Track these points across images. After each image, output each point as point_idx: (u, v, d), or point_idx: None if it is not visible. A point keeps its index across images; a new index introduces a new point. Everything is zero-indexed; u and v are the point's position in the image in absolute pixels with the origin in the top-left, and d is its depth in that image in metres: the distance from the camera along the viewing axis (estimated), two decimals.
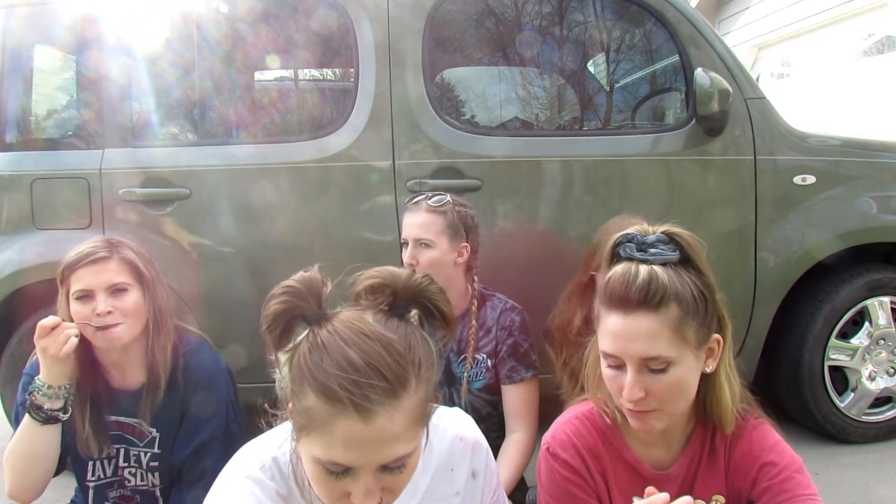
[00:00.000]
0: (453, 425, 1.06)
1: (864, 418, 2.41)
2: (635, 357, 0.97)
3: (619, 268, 1.01)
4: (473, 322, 1.76)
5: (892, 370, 2.39)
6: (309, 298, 0.80)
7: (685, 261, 1.02)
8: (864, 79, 5.98)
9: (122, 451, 1.51)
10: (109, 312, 1.41)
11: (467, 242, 1.78)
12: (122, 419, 1.50)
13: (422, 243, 1.72)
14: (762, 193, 2.24)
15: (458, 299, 1.79)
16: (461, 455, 1.02)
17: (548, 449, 1.14)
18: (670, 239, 1.02)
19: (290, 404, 0.81)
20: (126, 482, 1.53)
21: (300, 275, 0.82)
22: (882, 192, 2.31)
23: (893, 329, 2.36)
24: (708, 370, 1.03)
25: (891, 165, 2.34)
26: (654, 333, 0.96)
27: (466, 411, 1.77)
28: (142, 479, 1.53)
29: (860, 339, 2.36)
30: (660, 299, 0.96)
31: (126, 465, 1.52)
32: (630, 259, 1.02)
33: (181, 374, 1.49)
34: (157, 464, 1.51)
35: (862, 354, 2.36)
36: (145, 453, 1.51)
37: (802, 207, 2.26)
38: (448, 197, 1.78)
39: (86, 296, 1.41)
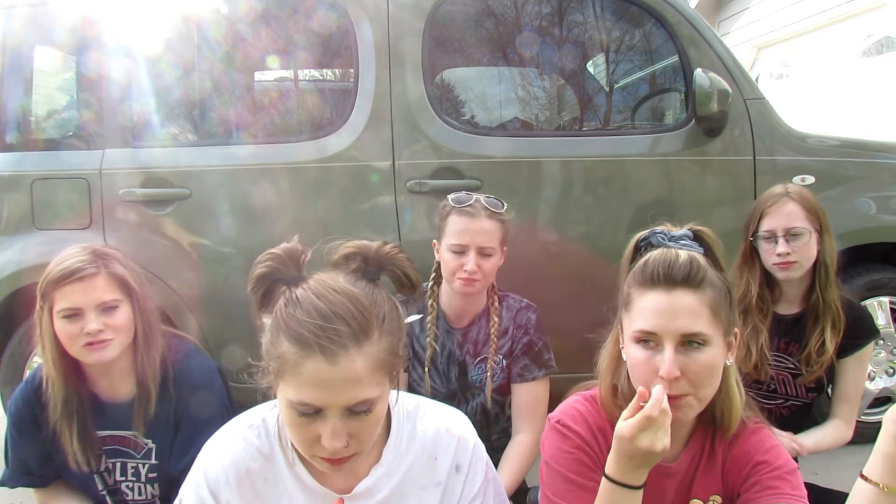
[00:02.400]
0: (442, 417, 1.08)
1: (864, 418, 2.40)
2: (676, 333, 0.99)
3: (657, 251, 1.05)
4: (495, 319, 1.73)
5: (892, 370, 2.39)
6: (289, 264, 0.91)
7: (708, 257, 1.07)
8: (864, 79, 5.98)
9: (118, 464, 1.49)
10: (100, 331, 1.36)
11: (505, 245, 1.75)
12: (116, 433, 1.47)
13: (486, 252, 1.65)
14: (761, 193, 2.24)
15: (479, 301, 1.77)
16: (445, 445, 1.05)
17: (558, 422, 1.14)
18: (696, 236, 1.09)
19: (268, 355, 0.89)
20: (125, 496, 1.52)
21: (283, 245, 0.92)
22: (881, 193, 2.32)
23: (893, 329, 2.36)
24: (728, 363, 1.06)
25: (890, 166, 2.34)
26: (696, 310, 1.00)
27: (477, 414, 1.78)
28: (140, 493, 1.51)
29: None
30: (701, 279, 1.01)
31: (123, 478, 1.50)
32: (663, 246, 1.06)
33: (172, 383, 1.46)
34: (155, 475, 1.49)
35: None
36: (143, 465, 1.49)
37: None
38: (503, 202, 1.71)
39: (74, 314, 1.35)
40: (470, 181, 2.21)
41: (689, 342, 0.99)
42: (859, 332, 1.71)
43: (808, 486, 1.15)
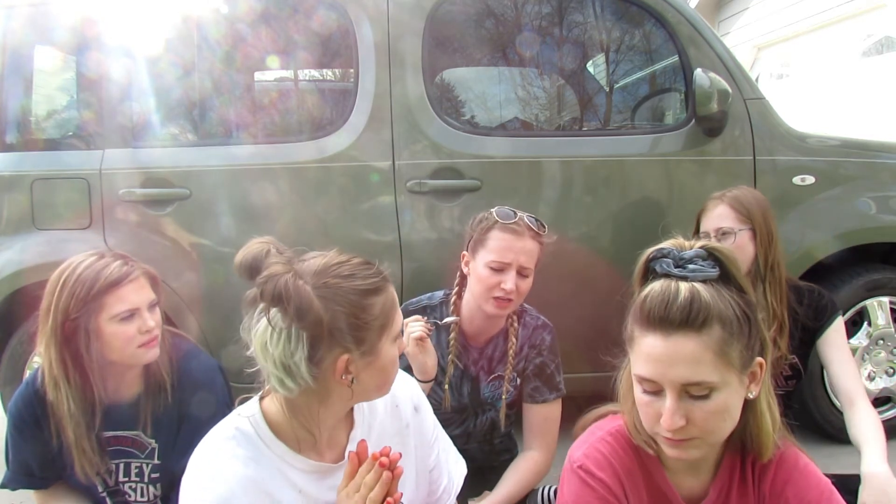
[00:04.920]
0: None
1: None
2: (676, 382, 0.91)
3: (658, 285, 0.94)
4: (514, 340, 1.69)
5: (892, 370, 2.39)
6: (282, 261, 1.02)
7: (725, 278, 0.96)
8: (864, 79, 5.98)
9: (121, 465, 1.49)
10: (155, 327, 1.42)
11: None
12: (119, 433, 1.47)
13: (524, 273, 1.60)
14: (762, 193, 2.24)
15: (502, 319, 1.71)
16: (400, 391, 1.19)
17: (580, 467, 1.05)
18: (709, 254, 0.96)
19: (364, 330, 0.99)
20: (127, 496, 1.52)
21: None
22: (881, 193, 2.31)
23: (892, 329, 2.36)
24: (751, 396, 0.97)
25: (890, 165, 2.34)
26: (697, 357, 0.90)
27: (486, 426, 1.77)
28: (142, 495, 1.51)
29: (859, 340, 2.36)
30: (703, 320, 0.90)
31: (126, 479, 1.50)
32: (668, 276, 0.95)
33: (175, 382, 1.47)
34: (158, 475, 1.50)
35: (861, 355, 2.36)
36: (147, 465, 1.49)
37: (802, 208, 2.26)
38: (544, 224, 1.68)
39: (131, 315, 1.39)
40: (470, 181, 2.21)
41: (692, 389, 0.91)
42: (820, 313, 1.79)
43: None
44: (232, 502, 0.98)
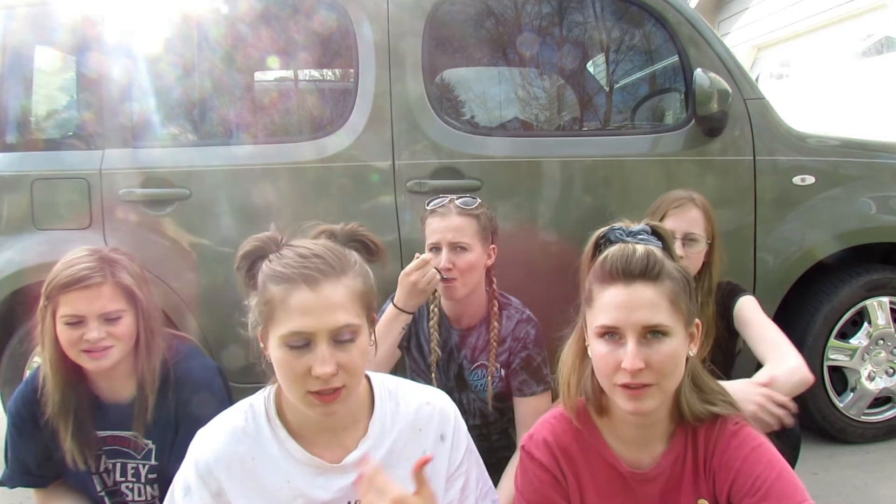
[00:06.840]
0: (423, 392, 1.16)
1: (864, 418, 2.41)
2: (637, 325, 1.01)
3: (616, 247, 1.08)
4: (495, 324, 1.74)
5: (892, 370, 2.40)
6: (270, 243, 1.02)
7: (665, 251, 1.11)
8: (864, 79, 5.98)
9: (118, 465, 1.49)
10: (101, 339, 1.36)
11: (493, 244, 1.78)
12: (116, 433, 1.47)
13: (458, 247, 1.68)
14: (761, 194, 2.24)
15: (478, 304, 1.78)
16: (428, 417, 1.13)
17: (523, 447, 1.18)
18: (653, 231, 1.13)
19: (256, 309, 1.01)
20: (124, 497, 1.52)
21: (263, 233, 1.05)
22: (881, 193, 2.32)
23: (892, 329, 2.36)
24: (691, 353, 1.08)
25: (890, 166, 2.34)
26: (655, 302, 1.02)
27: (475, 416, 1.79)
28: (139, 494, 1.51)
29: (859, 340, 2.36)
30: (658, 272, 1.04)
31: (123, 479, 1.50)
32: (622, 242, 1.10)
33: (172, 385, 1.46)
34: (155, 476, 1.50)
35: (861, 354, 2.36)
36: (144, 465, 1.49)
37: (802, 208, 2.27)
38: (478, 199, 1.76)
39: (77, 322, 1.35)
40: (470, 181, 2.21)
41: (650, 334, 1.02)
42: (727, 300, 1.81)
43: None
44: (209, 472, 1.02)
